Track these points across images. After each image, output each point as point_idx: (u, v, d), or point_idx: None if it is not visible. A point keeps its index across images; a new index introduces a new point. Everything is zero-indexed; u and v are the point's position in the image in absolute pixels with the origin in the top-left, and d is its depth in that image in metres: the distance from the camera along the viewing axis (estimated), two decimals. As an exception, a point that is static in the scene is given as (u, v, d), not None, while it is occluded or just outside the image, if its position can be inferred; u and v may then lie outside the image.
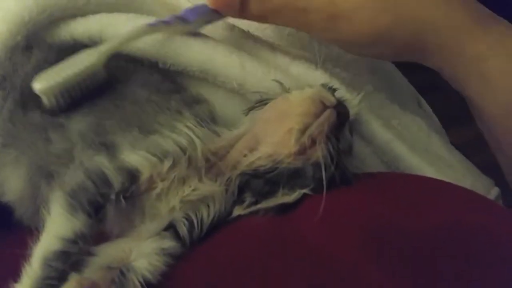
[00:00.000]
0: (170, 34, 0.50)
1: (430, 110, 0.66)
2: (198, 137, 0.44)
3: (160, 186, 0.43)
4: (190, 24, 0.49)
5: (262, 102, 0.48)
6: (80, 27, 0.52)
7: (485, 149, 0.53)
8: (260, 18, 0.50)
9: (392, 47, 0.49)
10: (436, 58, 0.48)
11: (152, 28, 0.48)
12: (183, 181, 0.44)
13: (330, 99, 0.44)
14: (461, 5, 0.48)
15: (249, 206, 0.44)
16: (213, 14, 0.50)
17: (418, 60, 0.50)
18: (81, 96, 0.46)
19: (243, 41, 0.54)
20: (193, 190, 0.43)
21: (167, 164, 0.43)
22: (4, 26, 0.50)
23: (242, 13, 0.49)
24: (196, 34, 0.51)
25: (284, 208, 0.43)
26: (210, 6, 0.50)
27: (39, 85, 0.45)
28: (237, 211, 0.44)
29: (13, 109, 0.49)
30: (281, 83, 0.49)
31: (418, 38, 0.47)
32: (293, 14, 0.48)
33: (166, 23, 0.48)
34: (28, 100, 0.48)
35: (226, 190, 0.44)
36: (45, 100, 0.45)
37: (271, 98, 0.47)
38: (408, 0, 0.47)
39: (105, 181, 0.41)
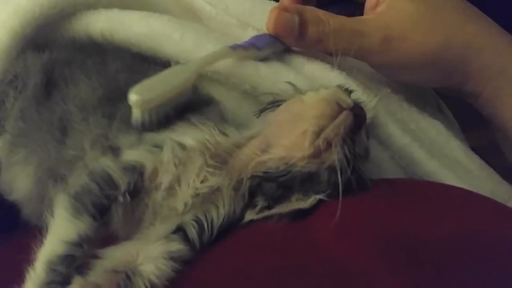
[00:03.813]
0: (242, 58, 0.50)
1: (450, 113, 0.65)
2: (198, 131, 0.43)
3: (166, 178, 0.42)
4: (260, 51, 0.50)
5: (275, 103, 0.47)
6: (92, 23, 0.52)
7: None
8: (318, 42, 0.50)
9: (440, 70, 0.51)
10: (478, 80, 0.51)
11: (233, 50, 0.49)
12: (191, 171, 0.42)
13: (347, 101, 0.43)
14: (499, 31, 0.52)
15: (261, 210, 0.43)
16: (276, 42, 0.51)
17: (459, 85, 0.52)
18: (171, 112, 0.44)
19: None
20: (202, 180, 0.42)
21: (166, 152, 0.42)
22: (16, 20, 0.50)
23: (301, 38, 0.50)
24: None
25: (299, 214, 0.42)
26: (270, 33, 0.51)
27: (135, 96, 0.42)
28: (249, 215, 0.43)
29: (26, 108, 0.49)
30: (294, 85, 0.48)
31: (464, 59, 0.50)
32: (350, 38, 0.50)
33: (243, 47, 0.50)
34: (44, 98, 0.48)
35: (236, 191, 0.43)
36: (137, 114, 0.43)
37: (283, 100, 0.46)
38: (456, 21, 0.51)
39: (110, 182, 0.40)
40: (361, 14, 0.55)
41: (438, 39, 0.50)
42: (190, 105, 0.46)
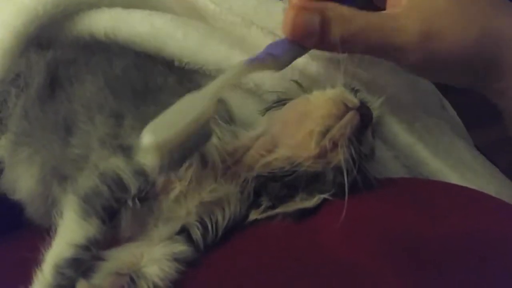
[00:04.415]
0: (263, 70, 0.45)
1: (454, 112, 0.64)
2: (216, 137, 0.43)
3: (178, 187, 0.41)
4: (279, 60, 0.44)
5: (280, 102, 0.46)
6: (95, 22, 0.51)
7: (509, 150, 0.52)
8: (344, 43, 0.44)
9: (476, 65, 0.47)
10: (508, 75, 0.47)
11: (250, 65, 0.43)
12: (200, 182, 0.42)
13: (353, 101, 0.43)
14: None
15: (265, 210, 0.43)
16: (297, 47, 0.45)
17: (487, 81, 0.48)
18: (189, 153, 0.38)
19: (262, 40, 0.53)
20: (210, 191, 0.42)
21: (184, 166, 0.41)
22: (19, 19, 0.50)
23: (324, 40, 0.44)
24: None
25: (303, 214, 0.42)
26: (288, 37, 0.45)
27: (150, 138, 0.34)
28: (254, 215, 0.43)
29: (29, 107, 0.48)
30: (299, 83, 0.47)
31: (497, 53, 0.46)
32: (381, 36, 0.44)
33: (260, 60, 0.43)
34: (48, 97, 0.48)
35: (242, 192, 0.43)
36: (155, 159, 0.35)
37: (289, 98, 0.46)
38: (490, 12, 0.46)
39: (121, 185, 0.40)
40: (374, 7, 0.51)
41: (475, 32, 0.45)
42: None
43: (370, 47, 0.45)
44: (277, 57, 0.44)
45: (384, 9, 0.49)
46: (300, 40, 0.45)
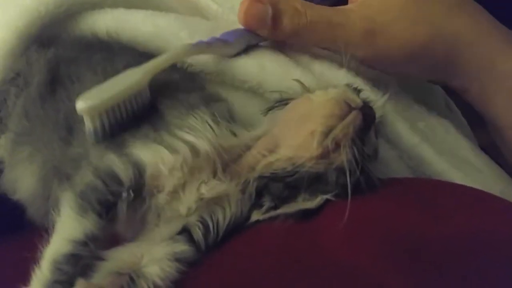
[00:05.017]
0: (210, 54, 0.49)
1: (458, 111, 0.64)
2: (212, 132, 0.42)
3: (170, 182, 0.41)
4: (230, 45, 0.48)
5: (282, 101, 0.46)
6: (98, 22, 0.51)
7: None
8: (294, 35, 0.48)
9: (426, 63, 0.49)
10: (466, 75, 0.49)
11: (194, 47, 0.47)
12: (194, 173, 0.42)
13: (356, 101, 0.43)
14: (492, 25, 0.49)
15: (268, 210, 0.42)
16: (250, 36, 0.49)
17: (446, 78, 0.50)
18: (126, 118, 0.43)
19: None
20: (210, 188, 0.42)
21: (175, 156, 0.41)
22: (21, 20, 0.50)
23: (275, 30, 0.48)
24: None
25: (305, 214, 0.41)
26: (242, 25, 0.49)
27: (82, 104, 0.40)
28: (256, 215, 0.43)
29: (29, 106, 0.48)
30: (301, 83, 0.47)
31: (451, 53, 0.48)
32: (328, 30, 0.47)
33: (207, 43, 0.47)
34: (49, 95, 0.48)
35: (243, 193, 0.43)
36: (88, 121, 0.41)
37: (291, 98, 0.46)
38: (445, 13, 0.48)
39: (114, 177, 0.40)
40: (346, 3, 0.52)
41: (423, 32, 0.48)
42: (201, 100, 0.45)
43: (319, 40, 0.48)
44: (227, 42, 0.48)
45: None
46: (252, 29, 0.49)
